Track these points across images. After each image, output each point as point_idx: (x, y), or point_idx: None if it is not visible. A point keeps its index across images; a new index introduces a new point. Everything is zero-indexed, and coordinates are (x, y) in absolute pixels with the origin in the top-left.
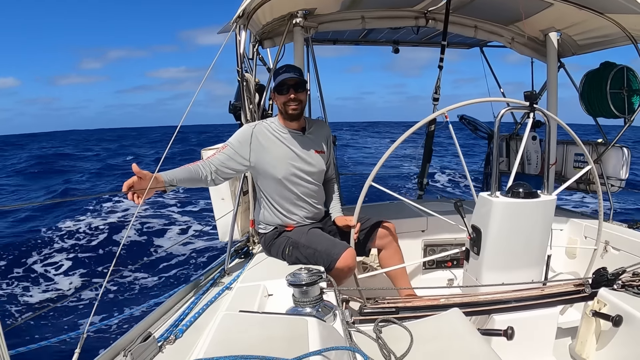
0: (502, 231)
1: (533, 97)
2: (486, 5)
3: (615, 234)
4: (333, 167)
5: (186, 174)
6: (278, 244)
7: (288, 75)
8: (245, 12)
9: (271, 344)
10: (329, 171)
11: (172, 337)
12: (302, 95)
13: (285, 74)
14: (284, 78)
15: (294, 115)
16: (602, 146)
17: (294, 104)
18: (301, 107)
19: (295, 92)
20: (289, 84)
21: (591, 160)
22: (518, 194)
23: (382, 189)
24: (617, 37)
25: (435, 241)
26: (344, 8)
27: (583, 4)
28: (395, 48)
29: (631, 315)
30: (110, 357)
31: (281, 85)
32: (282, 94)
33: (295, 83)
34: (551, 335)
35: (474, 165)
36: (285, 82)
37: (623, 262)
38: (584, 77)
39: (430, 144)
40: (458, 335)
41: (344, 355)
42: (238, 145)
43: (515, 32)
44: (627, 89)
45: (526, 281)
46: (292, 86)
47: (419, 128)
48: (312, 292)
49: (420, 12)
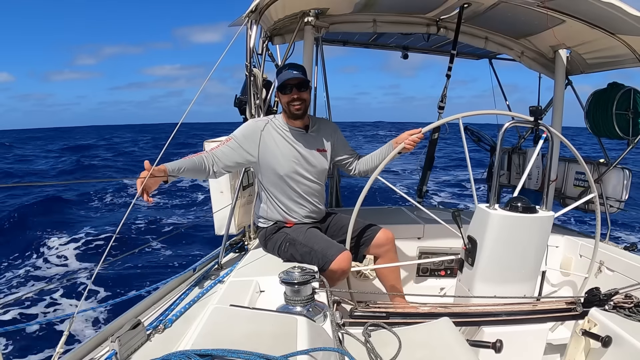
0: (497, 244)
1: (538, 113)
2: (498, 17)
3: (610, 254)
4: (350, 149)
5: (189, 165)
6: (275, 239)
7: (291, 75)
8: (258, 7)
9: (259, 340)
10: (349, 156)
11: (161, 327)
12: (305, 94)
13: (289, 73)
14: (287, 77)
15: (298, 115)
16: (604, 166)
17: (297, 104)
18: (304, 106)
19: (298, 91)
20: (292, 83)
21: (593, 184)
22: (516, 208)
23: (387, 184)
24: (626, 59)
25: (431, 249)
26: (357, 10)
27: (595, 23)
28: (405, 54)
29: (621, 336)
30: (98, 342)
31: (284, 85)
32: (286, 94)
33: (298, 82)
34: (539, 351)
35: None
36: (288, 81)
37: (616, 283)
38: (591, 96)
39: (432, 151)
40: (446, 344)
41: (332, 357)
42: (242, 139)
43: (525, 46)
44: (633, 111)
45: (518, 295)
46: (295, 85)
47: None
48: (303, 291)
49: (432, 19)
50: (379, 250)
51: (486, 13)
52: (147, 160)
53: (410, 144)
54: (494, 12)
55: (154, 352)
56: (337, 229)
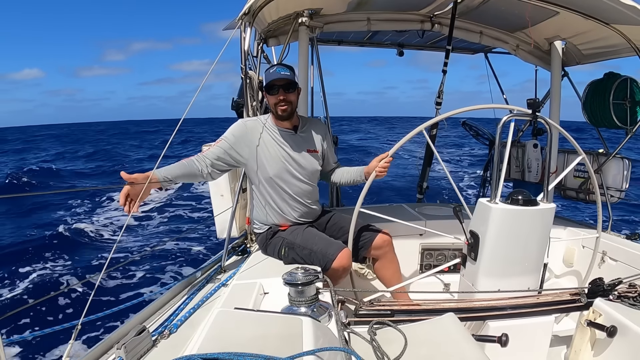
0: (500, 238)
1: (536, 105)
2: (492, 11)
3: (613, 244)
4: (334, 157)
5: (181, 170)
6: (274, 244)
7: (278, 75)
8: (251, 9)
9: (265, 342)
10: (330, 163)
11: (166, 332)
12: (292, 95)
13: (275, 73)
14: (274, 78)
15: (284, 116)
16: (603, 156)
17: (283, 105)
18: (291, 107)
19: (285, 92)
20: (279, 84)
21: (592, 170)
22: (517, 201)
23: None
24: (621, 48)
25: (433, 245)
26: (350, 9)
27: (589, 14)
28: (400, 51)
29: (626, 326)
30: (104, 350)
31: (271, 85)
32: (272, 95)
33: (285, 83)
34: (545, 343)
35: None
36: (275, 82)
37: (620, 273)
38: (588, 87)
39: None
40: (452, 340)
41: (338, 356)
42: (233, 140)
43: (521, 39)
44: (630, 100)
45: (522, 289)
46: (281, 86)
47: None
48: (307, 291)
49: (426, 16)
50: (377, 253)
51: (480, 7)
52: (122, 172)
53: (381, 171)
54: (487, 6)
55: (160, 357)
56: (337, 230)
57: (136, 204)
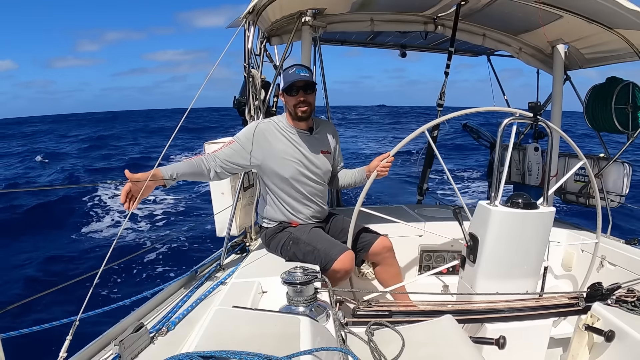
0: (499, 240)
1: (537, 109)
2: (496, 14)
3: (612, 249)
4: (340, 160)
5: (188, 168)
6: (279, 238)
7: (298, 77)
8: (256, 8)
9: (263, 341)
10: (338, 165)
11: (164, 329)
12: (311, 97)
13: (296, 74)
14: (295, 79)
15: (303, 117)
16: (604, 161)
17: (304, 106)
18: (310, 108)
19: (305, 93)
20: (299, 85)
21: (592, 175)
22: (517, 204)
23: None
24: (624, 53)
25: (432, 247)
26: (354, 9)
27: (592, 18)
28: (403, 52)
29: (624, 331)
30: (101, 346)
31: (291, 87)
32: (292, 96)
33: (304, 85)
34: (543, 346)
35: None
36: (295, 83)
37: (618, 277)
38: (589, 91)
39: (432, 149)
40: (450, 342)
41: (335, 356)
42: (245, 142)
43: (523, 42)
44: (632, 105)
45: (521, 292)
46: (301, 88)
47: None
48: (306, 291)
49: (430, 17)
50: (377, 258)
51: (483, 10)
52: (126, 170)
53: (382, 170)
54: (491, 8)
55: (158, 354)
56: (337, 231)
57: (136, 201)
